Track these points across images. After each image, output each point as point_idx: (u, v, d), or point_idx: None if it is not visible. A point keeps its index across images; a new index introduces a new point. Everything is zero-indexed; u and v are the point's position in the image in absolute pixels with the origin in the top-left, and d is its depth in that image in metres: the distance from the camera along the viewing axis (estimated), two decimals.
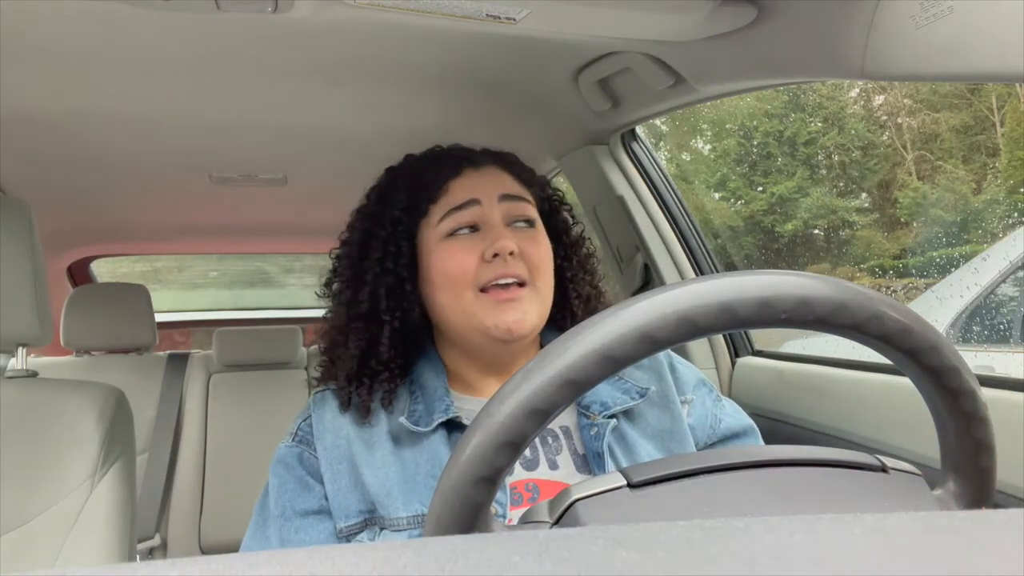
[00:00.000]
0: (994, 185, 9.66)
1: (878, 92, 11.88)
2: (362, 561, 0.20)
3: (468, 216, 0.77)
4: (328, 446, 0.76)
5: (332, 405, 0.79)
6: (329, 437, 0.76)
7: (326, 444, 0.76)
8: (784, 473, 0.43)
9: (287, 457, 0.78)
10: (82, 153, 1.47)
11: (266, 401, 2.23)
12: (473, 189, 0.78)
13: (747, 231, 11.64)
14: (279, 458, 0.79)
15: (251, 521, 0.79)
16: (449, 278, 0.76)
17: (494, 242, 0.75)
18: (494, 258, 0.75)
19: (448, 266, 0.76)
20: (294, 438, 0.80)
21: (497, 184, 0.80)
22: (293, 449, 0.79)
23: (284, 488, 0.77)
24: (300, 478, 0.76)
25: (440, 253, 0.77)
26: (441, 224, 0.78)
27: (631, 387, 0.79)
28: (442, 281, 0.77)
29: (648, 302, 0.40)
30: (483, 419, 0.40)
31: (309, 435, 0.79)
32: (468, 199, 0.78)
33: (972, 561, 0.21)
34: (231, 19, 0.88)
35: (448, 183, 0.79)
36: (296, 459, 0.78)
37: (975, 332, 2.12)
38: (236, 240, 2.59)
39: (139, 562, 0.21)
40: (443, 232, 0.77)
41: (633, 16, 0.86)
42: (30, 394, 1.06)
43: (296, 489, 0.76)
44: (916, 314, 0.43)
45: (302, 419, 0.81)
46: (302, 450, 0.78)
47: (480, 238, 0.77)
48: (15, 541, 0.97)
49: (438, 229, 0.78)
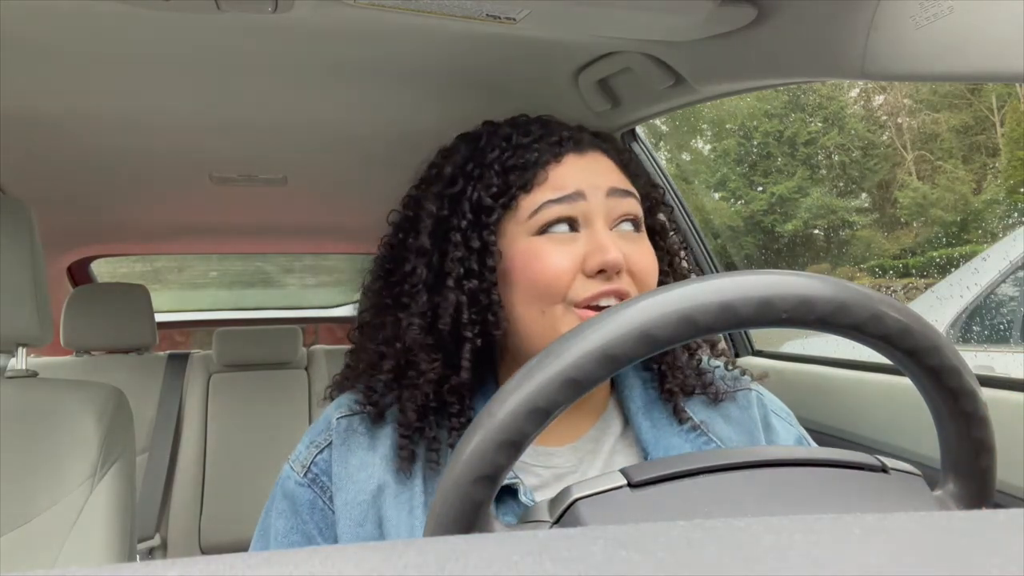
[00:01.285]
0: (994, 185, 9.66)
1: (878, 92, 11.88)
2: (362, 561, 0.20)
3: (569, 210, 0.63)
4: (350, 501, 0.62)
5: (361, 440, 0.65)
6: (353, 489, 0.63)
7: (348, 498, 0.62)
8: (784, 473, 0.43)
9: (296, 498, 0.65)
10: (82, 153, 1.47)
11: (266, 401, 2.23)
12: (577, 178, 0.64)
13: (747, 231, 11.65)
14: (286, 493, 0.66)
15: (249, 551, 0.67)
16: (539, 287, 0.61)
17: (601, 254, 0.60)
18: (598, 273, 0.61)
19: (539, 271, 0.61)
20: (306, 473, 0.66)
21: (604, 175, 0.65)
22: (304, 490, 0.65)
23: (289, 539, 0.65)
24: (310, 536, 0.64)
25: (529, 253, 0.62)
26: (533, 217, 0.63)
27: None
28: (528, 288, 0.62)
29: (649, 301, 0.40)
30: (484, 418, 0.40)
31: (325, 477, 0.65)
32: (573, 190, 0.63)
33: (972, 561, 0.21)
34: (231, 19, 0.88)
35: (547, 169, 0.64)
36: (307, 507, 0.65)
37: (975, 332, 2.12)
38: (236, 240, 2.59)
39: (139, 562, 0.21)
40: (534, 227, 0.63)
41: (633, 16, 0.86)
42: (30, 394, 1.06)
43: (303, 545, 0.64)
44: (916, 314, 0.43)
45: (317, 449, 0.66)
46: (315, 496, 0.65)
47: (579, 241, 0.62)
48: (15, 541, 0.97)
49: (528, 223, 0.63)
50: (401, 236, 0.68)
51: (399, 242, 0.68)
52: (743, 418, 0.69)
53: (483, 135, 0.70)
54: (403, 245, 0.68)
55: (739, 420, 0.69)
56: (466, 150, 0.69)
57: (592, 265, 0.61)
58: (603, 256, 0.60)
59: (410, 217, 0.68)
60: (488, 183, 0.64)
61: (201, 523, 2.08)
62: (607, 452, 0.67)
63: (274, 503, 0.67)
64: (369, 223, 2.13)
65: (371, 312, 0.69)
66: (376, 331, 0.67)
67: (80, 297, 2.08)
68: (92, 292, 2.20)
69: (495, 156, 0.66)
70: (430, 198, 0.67)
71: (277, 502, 0.67)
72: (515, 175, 0.64)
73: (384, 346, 0.66)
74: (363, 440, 0.65)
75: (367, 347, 0.68)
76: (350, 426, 0.66)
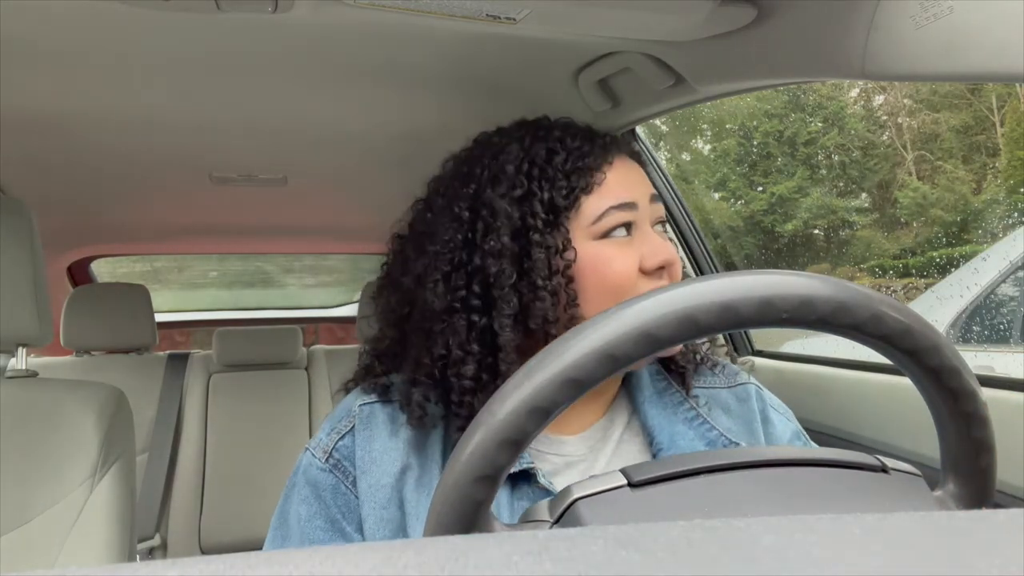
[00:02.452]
0: (994, 185, 9.67)
1: (878, 92, 11.89)
2: (362, 561, 0.20)
3: (628, 216, 0.67)
4: (373, 484, 0.65)
5: (383, 426, 0.68)
6: (376, 472, 0.65)
7: (372, 481, 0.65)
8: (784, 473, 0.43)
9: (319, 483, 0.67)
10: (82, 153, 1.47)
11: (266, 401, 2.23)
12: (631, 187, 0.69)
13: (747, 231, 11.65)
14: (309, 479, 0.68)
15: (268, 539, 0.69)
16: (609, 287, 0.65)
17: (661, 254, 0.66)
18: (657, 270, 0.67)
19: (608, 273, 0.66)
20: (328, 458, 0.67)
21: (644, 182, 0.71)
22: (326, 475, 0.67)
23: (312, 524, 0.66)
24: (334, 520, 0.66)
25: (598, 257, 0.66)
26: (598, 223, 0.66)
27: (717, 437, 0.69)
28: (597, 288, 0.66)
29: (650, 301, 0.40)
30: (484, 417, 0.40)
31: (348, 461, 0.67)
32: (630, 199, 0.67)
33: (972, 561, 0.21)
34: (231, 19, 0.88)
35: (605, 171, 0.68)
36: (330, 492, 0.66)
37: (975, 332, 2.12)
38: (236, 240, 2.59)
39: (139, 562, 0.21)
40: (598, 231, 0.66)
41: (633, 16, 0.86)
42: (30, 394, 1.06)
43: (328, 531, 0.66)
44: (917, 314, 0.43)
45: (339, 435, 0.68)
46: (338, 481, 0.67)
47: (634, 243, 0.67)
48: (15, 541, 0.97)
49: (592, 228, 0.66)
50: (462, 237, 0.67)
51: (460, 244, 0.67)
52: (743, 410, 0.73)
53: (527, 135, 0.71)
54: (470, 246, 0.67)
55: (739, 413, 0.73)
56: (519, 150, 0.69)
57: (652, 264, 0.66)
58: (663, 256, 0.66)
59: (470, 217, 0.68)
60: (558, 185, 0.67)
61: (201, 523, 2.08)
62: (615, 441, 0.71)
63: (295, 490, 0.69)
64: (369, 223, 2.13)
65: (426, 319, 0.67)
66: (438, 338, 0.66)
67: (80, 297, 2.08)
68: (92, 292, 2.20)
69: (561, 159, 0.68)
70: (497, 198, 0.67)
71: (299, 489, 0.68)
72: (576, 177, 0.67)
73: (459, 350, 0.65)
74: (385, 426, 0.67)
75: (434, 353, 0.66)
76: (372, 412, 0.69)
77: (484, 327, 0.65)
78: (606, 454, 0.70)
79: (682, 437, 0.68)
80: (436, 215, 0.71)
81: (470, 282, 0.66)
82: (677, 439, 0.68)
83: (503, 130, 0.74)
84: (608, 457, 0.70)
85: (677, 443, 0.68)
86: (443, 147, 0.82)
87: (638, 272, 0.66)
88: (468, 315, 0.65)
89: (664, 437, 0.69)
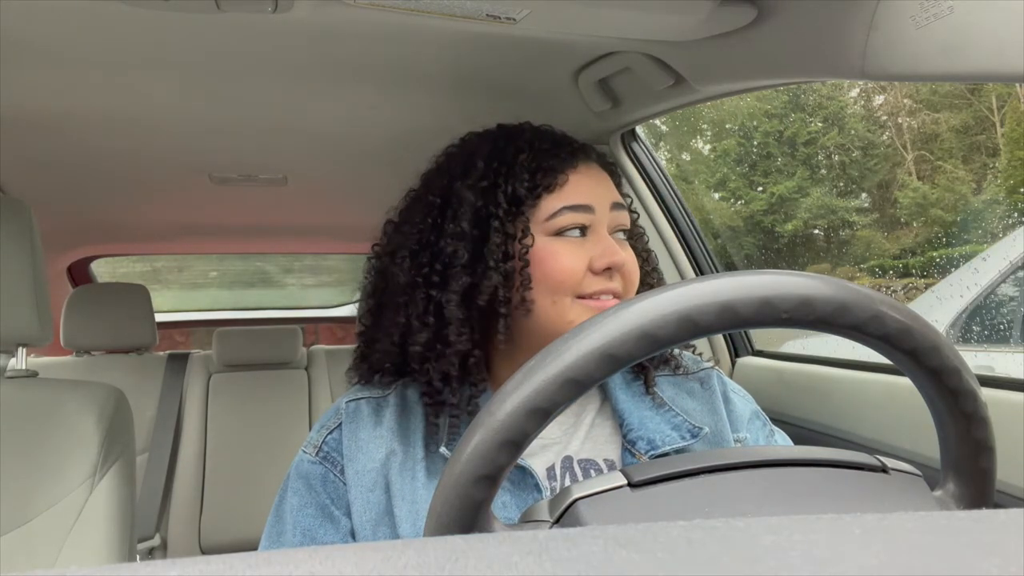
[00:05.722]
0: (994, 185, 9.67)
1: (878, 92, 11.89)
2: (362, 561, 0.20)
3: (582, 218, 0.72)
4: (360, 470, 0.70)
5: (368, 419, 0.73)
6: (362, 459, 0.71)
7: (357, 467, 0.70)
8: (784, 473, 0.43)
9: (309, 475, 0.72)
10: (82, 153, 1.47)
11: (266, 401, 2.23)
12: (590, 190, 0.73)
13: (747, 231, 11.66)
14: (300, 473, 0.73)
15: (264, 534, 0.74)
16: (554, 280, 0.70)
17: (609, 256, 0.71)
18: (604, 271, 0.71)
19: (556, 268, 0.70)
20: (318, 452, 0.73)
21: (608, 190, 0.76)
22: (316, 467, 0.73)
23: (304, 512, 0.71)
24: (323, 507, 0.71)
25: (547, 251, 0.71)
26: (552, 220, 0.71)
27: (682, 423, 0.74)
28: (544, 280, 0.71)
29: (649, 301, 0.40)
30: (484, 417, 0.40)
31: (337, 452, 0.73)
32: (586, 202, 0.72)
33: (972, 561, 0.21)
34: (231, 19, 0.88)
35: (568, 174, 0.73)
36: (320, 480, 0.72)
37: (975, 332, 2.12)
38: (236, 240, 2.59)
39: (139, 562, 0.21)
40: (552, 228, 0.72)
41: (633, 16, 0.86)
42: (30, 394, 1.06)
43: (317, 517, 0.70)
44: (916, 314, 0.43)
45: (328, 431, 0.74)
46: (327, 470, 0.72)
47: (587, 244, 0.72)
48: (15, 541, 0.97)
49: (546, 224, 0.72)
50: (431, 221, 0.74)
51: (429, 227, 0.74)
52: (705, 393, 0.79)
53: (501, 136, 0.78)
54: (436, 229, 0.74)
55: (701, 395, 0.78)
56: (490, 148, 0.76)
57: (600, 265, 0.71)
58: (612, 258, 0.71)
59: (440, 204, 0.75)
60: (521, 179, 0.72)
61: (201, 523, 2.08)
62: (588, 425, 0.76)
63: (289, 484, 0.74)
64: (369, 223, 2.13)
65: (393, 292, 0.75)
66: (401, 309, 0.73)
67: (80, 297, 2.08)
68: (92, 292, 2.20)
69: (525, 157, 0.74)
70: (465, 188, 0.73)
71: (292, 482, 0.74)
72: (540, 175, 0.73)
73: (416, 320, 0.72)
74: (370, 419, 0.73)
75: (396, 322, 0.73)
76: (357, 408, 0.75)
77: (440, 302, 0.71)
78: (579, 436, 0.75)
79: (650, 420, 0.74)
80: (414, 202, 0.79)
81: (433, 261, 0.72)
82: (646, 422, 0.73)
83: (483, 132, 0.81)
84: (582, 440, 0.74)
85: (647, 426, 0.73)
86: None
87: (586, 270, 0.71)
88: (427, 290, 0.72)
89: (634, 420, 0.74)
